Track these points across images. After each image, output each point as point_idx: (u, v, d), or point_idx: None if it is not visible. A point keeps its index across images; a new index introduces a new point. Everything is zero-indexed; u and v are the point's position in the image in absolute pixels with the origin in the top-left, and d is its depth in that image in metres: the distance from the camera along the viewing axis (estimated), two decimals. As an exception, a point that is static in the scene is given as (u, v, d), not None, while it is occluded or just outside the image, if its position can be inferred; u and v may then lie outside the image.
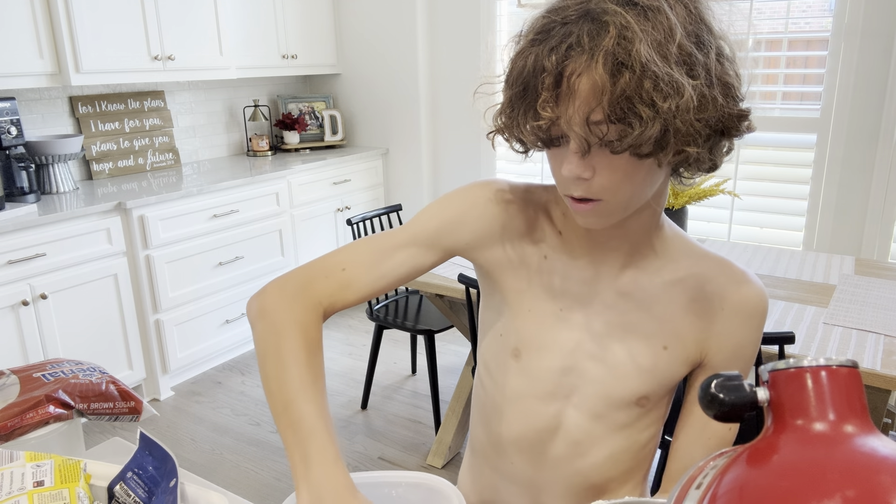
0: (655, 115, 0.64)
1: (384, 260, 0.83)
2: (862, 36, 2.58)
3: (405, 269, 0.84)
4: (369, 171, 3.84)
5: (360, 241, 0.85)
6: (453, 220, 0.85)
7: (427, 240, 0.84)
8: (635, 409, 0.85)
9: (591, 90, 0.65)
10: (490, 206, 0.85)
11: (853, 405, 0.44)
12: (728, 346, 0.83)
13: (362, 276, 0.82)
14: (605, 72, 0.63)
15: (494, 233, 0.86)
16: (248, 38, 3.41)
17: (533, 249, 0.86)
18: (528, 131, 0.70)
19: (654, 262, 0.84)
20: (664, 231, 0.85)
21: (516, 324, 0.87)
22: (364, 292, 0.83)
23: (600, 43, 0.63)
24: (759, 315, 0.83)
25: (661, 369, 0.83)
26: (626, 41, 0.63)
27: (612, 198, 0.72)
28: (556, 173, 0.75)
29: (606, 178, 0.71)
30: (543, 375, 0.86)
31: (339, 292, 0.82)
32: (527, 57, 0.68)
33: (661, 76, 0.63)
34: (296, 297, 0.79)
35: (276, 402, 0.73)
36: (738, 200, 2.94)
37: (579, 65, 0.65)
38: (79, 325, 2.57)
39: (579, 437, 0.87)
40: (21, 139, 2.62)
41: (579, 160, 0.70)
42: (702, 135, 0.67)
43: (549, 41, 0.66)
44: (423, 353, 3.29)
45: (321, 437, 0.70)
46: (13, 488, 0.74)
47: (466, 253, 0.87)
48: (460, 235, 0.85)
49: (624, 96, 0.63)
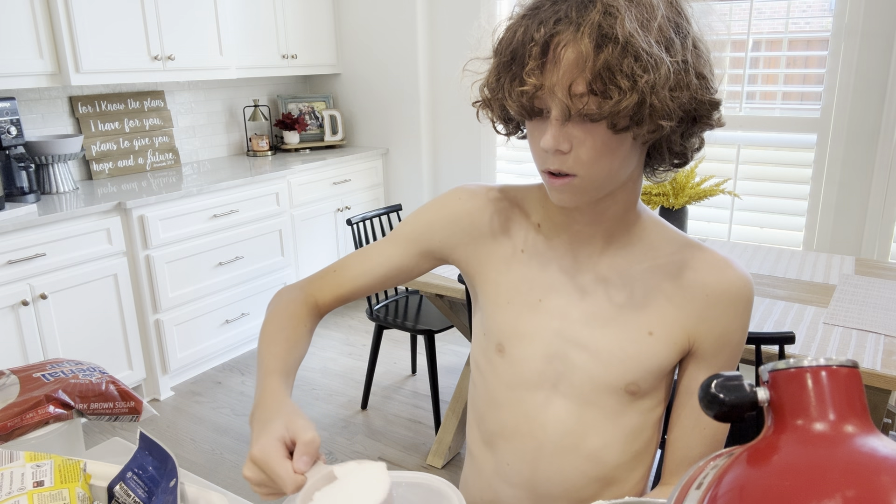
0: (633, 87, 0.68)
1: (367, 261, 0.93)
2: (862, 36, 2.58)
3: (385, 268, 0.93)
4: (369, 171, 3.84)
5: (352, 252, 0.97)
6: (426, 222, 0.92)
7: (404, 240, 0.93)
8: (625, 395, 0.86)
9: (575, 60, 0.68)
10: (459, 207, 0.91)
11: (853, 405, 0.44)
12: (715, 333, 0.84)
13: (349, 273, 0.93)
14: (590, 43, 0.67)
15: (465, 231, 0.91)
16: (248, 38, 3.41)
17: (509, 244, 0.89)
18: (513, 98, 0.73)
19: (632, 249, 0.86)
20: (642, 219, 0.87)
21: (497, 318, 0.89)
22: (350, 286, 0.93)
23: (587, 16, 0.68)
24: (743, 300, 0.84)
25: (648, 355, 0.84)
26: (610, 17, 0.67)
27: (588, 173, 0.75)
28: (534, 148, 0.78)
29: (583, 152, 0.73)
30: (527, 364, 0.87)
31: (328, 286, 0.93)
32: (516, 29, 0.73)
33: (642, 50, 0.67)
34: (290, 291, 0.93)
35: (258, 365, 0.84)
36: (738, 200, 2.94)
37: (566, 36, 0.68)
38: (79, 325, 2.57)
39: (570, 425, 0.87)
40: (21, 139, 2.62)
41: (558, 132, 0.72)
42: (676, 113, 0.71)
43: (539, 15, 0.71)
44: (423, 353, 3.29)
45: (274, 377, 0.79)
46: (13, 488, 0.74)
47: (444, 254, 0.93)
48: (433, 236, 0.92)
49: (606, 67, 0.67)
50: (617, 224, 0.85)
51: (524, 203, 0.90)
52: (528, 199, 0.90)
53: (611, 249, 0.86)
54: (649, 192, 2.34)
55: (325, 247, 3.63)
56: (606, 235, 0.85)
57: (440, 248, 0.92)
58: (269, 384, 0.78)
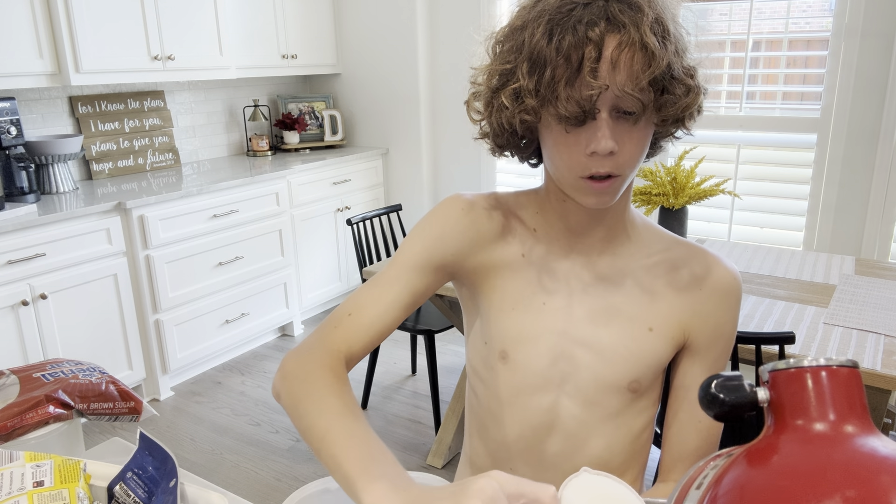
0: (694, 85, 0.73)
1: (384, 294, 0.83)
2: (862, 36, 2.58)
3: (405, 296, 0.84)
4: (369, 171, 3.84)
5: (358, 289, 0.86)
6: (435, 237, 0.87)
7: (418, 263, 0.85)
8: (627, 394, 0.87)
9: (638, 60, 0.70)
10: (463, 216, 0.88)
11: (853, 405, 0.44)
12: (709, 326, 0.86)
13: (368, 315, 0.82)
14: (652, 44, 0.69)
15: (472, 240, 0.88)
16: (248, 38, 3.41)
17: (510, 250, 0.89)
18: (571, 103, 0.71)
19: (628, 247, 0.87)
20: (634, 218, 0.89)
21: (501, 325, 0.88)
22: (374, 330, 0.82)
23: (641, 18, 0.69)
24: (734, 294, 0.87)
25: (649, 351, 0.85)
26: (660, 16, 0.71)
27: (629, 171, 0.77)
28: (572, 157, 0.76)
29: (629, 151, 0.75)
30: (533, 368, 0.87)
31: (352, 336, 0.81)
32: (557, 34, 0.70)
33: (688, 51, 0.73)
34: (313, 352, 0.78)
35: (316, 431, 0.66)
36: (738, 200, 2.94)
37: (627, 37, 0.69)
38: (79, 325, 2.57)
39: (575, 428, 0.88)
40: (21, 139, 2.62)
41: (612, 134, 0.73)
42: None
43: (579, 18, 0.70)
44: (423, 353, 3.29)
45: (386, 455, 0.61)
46: (13, 488, 0.74)
47: (455, 266, 0.88)
48: (445, 249, 0.87)
49: (668, 66, 0.71)
50: (614, 223, 0.86)
51: (519, 210, 0.90)
52: (521, 207, 0.90)
53: (609, 248, 0.87)
54: (649, 192, 2.34)
55: (325, 247, 3.63)
56: (605, 235, 0.86)
57: (453, 262, 0.87)
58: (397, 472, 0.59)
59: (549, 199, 0.87)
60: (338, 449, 0.62)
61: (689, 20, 0.76)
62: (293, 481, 2.32)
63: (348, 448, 0.61)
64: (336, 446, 0.62)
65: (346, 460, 0.60)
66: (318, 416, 0.67)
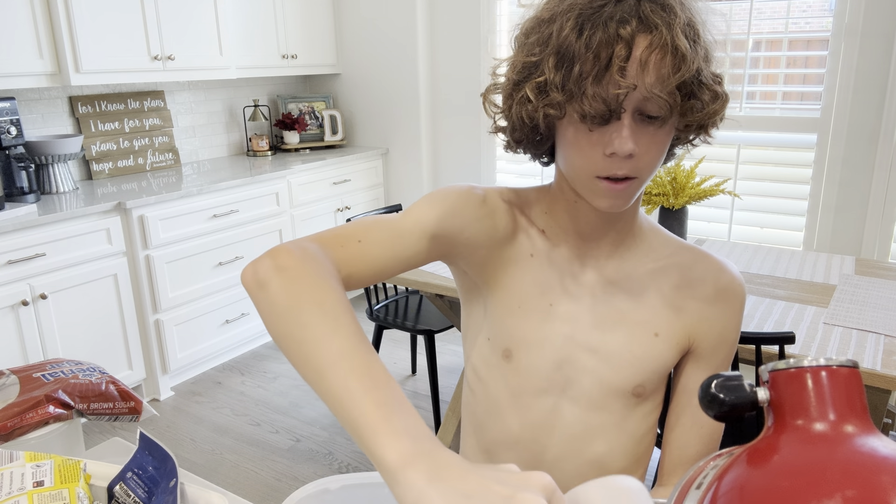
0: (721, 92, 0.72)
1: (397, 242, 0.77)
2: (862, 36, 2.58)
3: (409, 253, 0.78)
4: (369, 171, 3.84)
5: (367, 220, 0.77)
6: (452, 211, 0.81)
7: (429, 226, 0.80)
8: (632, 399, 0.86)
9: (668, 63, 0.68)
10: (481, 206, 0.84)
11: (853, 405, 0.44)
12: (714, 331, 0.86)
13: (378, 253, 0.76)
14: (683, 47, 0.68)
15: (486, 231, 0.84)
16: (248, 38, 3.41)
17: (518, 249, 0.87)
18: (597, 101, 0.69)
19: (636, 251, 0.87)
20: (641, 222, 0.88)
21: (506, 323, 0.87)
22: (379, 268, 0.76)
23: (674, 20, 0.68)
24: (738, 300, 0.87)
25: (654, 356, 0.85)
26: (692, 20, 0.69)
27: (647, 175, 0.76)
28: (591, 156, 0.74)
29: (650, 154, 0.74)
30: (536, 371, 0.86)
31: (357, 263, 0.73)
32: (588, 29, 0.68)
33: (714, 55, 0.72)
34: (316, 256, 0.67)
35: (324, 352, 0.56)
36: (738, 200, 2.94)
37: (659, 38, 0.67)
38: (79, 325, 2.57)
39: (577, 431, 0.87)
40: (21, 139, 2.62)
41: (634, 136, 0.72)
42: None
43: (611, 15, 0.68)
44: (423, 353, 3.29)
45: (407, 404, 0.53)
46: (13, 488, 0.74)
47: (461, 246, 0.83)
48: (460, 226, 0.82)
49: (698, 71, 0.70)
50: (624, 227, 0.85)
51: (527, 209, 0.88)
52: (530, 205, 0.88)
53: (617, 253, 0.86)
54: (649, 192, 2.34)
55: (325, 247, 3.62)
56: (615, 239, 0.85)
57: (464, 243, 0.83)
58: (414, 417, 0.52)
59: (560, 199, 0.85)
60: (354, 382, 0.53)
61: (718, 27, 0.75)
62: (293, 481, 2.32)
63: (366, 390, 0.52)
64: (352, 378, 0.53)
65: (362, 404, 0.51)
66: (327, 333, 0.57)
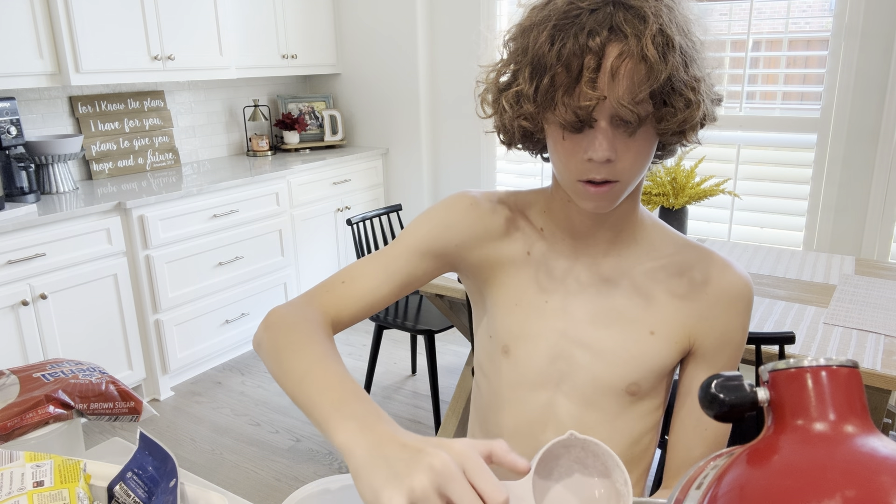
0: (694, 98, 0.71)
1: (381, 270, 0.85)
2: (862, 36, 2.58)
3: (402, 276, 0.85)
4: (369, 171, 3.84)
5: (357, 261, 0.87)
6: (441, 225, 0.88)
7: (420, 247, 0.86)
8: (626, 397, 0.86)
9: (639, 72, 0.68)
10: (470, 210, 0.89)
11: (853, 405, 0.44)
12: (716, 332, 0.85)
13: (362, 286, 0.83)
14: (656, 53, 0.67)
15: (478, 234, 0.88)
16: (248, 38, 3.41)
17: (515, 247, 0.89)
18: (568, 112, 0.71)
19: (634, 249, 0.87)
20: (643, 220, 0.88)
21: (505, 321, 0.89)
22: (365, 301, 0.83)
23: (644, 29, 0.67)
24: (743, 300, 0.85)
25: (650, 355, 0.84)
26: (665, 28, 0.68)
27: (629, 178, 0.76)
28: (570, 161, 0.76)
29: (628, 159, 0.74)
30: (531, 365, 0.88)
31: (342, 302, 0.82)
32: (559, 40, 0.69)
33: (692, 60, 0.71)
34: (300, 307, 0.78)
35: (294, 375, 0.66)
36: (738, 200, 2.94)
37: (628, 47, 0.68)
38: (79, 325, 2.57)
39: (570, 426, 0.88)
40: (21, 139, 2.62)
41: (609, 142, 0.72)
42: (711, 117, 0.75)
43: (582, 25, 0.68)
44: (423, 353, 3.29)
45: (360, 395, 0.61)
46: (13, 488, 0.74)
47: (457, 257, 0.89)
48: (449, 238, 0.88)
49: (668, 79, 0.69)
50: (621, 225, 0.86)
51: (526, 209, 0.91)
52: (529, 206, 0.91)
53: (614, 250, 0.87)
54: (649, 192, 2.34)
55: (326, 247, 3.63)
56: (610, 237, 0.86)
57: (456, 252, 0.88)
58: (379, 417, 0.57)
59: (555, 198, 0.87)
60: (314, 391, 0.62)
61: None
62: (293, 481, 2.32)
63: (324, 390, 0.62)
64: (313, 388, 0.63)
65: (321, 402, 0.60)
66: (297, 361, 0.67)
